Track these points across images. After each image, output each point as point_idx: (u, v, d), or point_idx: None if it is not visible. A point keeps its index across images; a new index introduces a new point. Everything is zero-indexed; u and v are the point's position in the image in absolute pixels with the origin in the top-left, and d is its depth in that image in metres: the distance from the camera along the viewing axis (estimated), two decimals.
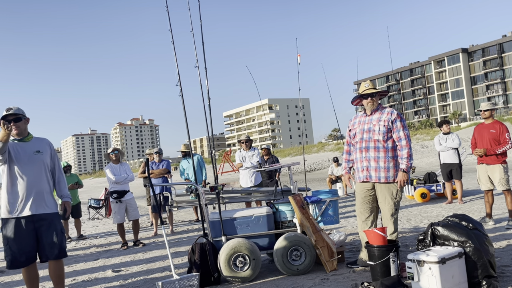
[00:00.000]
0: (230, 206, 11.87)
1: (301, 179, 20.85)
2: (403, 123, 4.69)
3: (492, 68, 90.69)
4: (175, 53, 5.57)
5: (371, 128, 4.71)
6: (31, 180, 4.07)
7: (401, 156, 4.65)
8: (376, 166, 4.67)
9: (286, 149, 63.99)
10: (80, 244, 8.96)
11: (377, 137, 4.66)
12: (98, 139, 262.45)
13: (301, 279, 4.60)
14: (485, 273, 3.68)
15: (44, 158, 4.18)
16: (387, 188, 4.65)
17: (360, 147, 4.78)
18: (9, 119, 4.06)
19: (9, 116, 4.07)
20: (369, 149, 4.71)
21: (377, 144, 4.67)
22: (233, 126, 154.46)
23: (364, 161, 4.74)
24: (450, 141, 9.46)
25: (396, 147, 4.71)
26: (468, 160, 23.89)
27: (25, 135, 4.19)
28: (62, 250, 4.16)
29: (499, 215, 7.46)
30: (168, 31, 5.60)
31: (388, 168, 4.65)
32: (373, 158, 4.68)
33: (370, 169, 4.70)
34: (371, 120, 4.75)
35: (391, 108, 4.86)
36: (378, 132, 4.66)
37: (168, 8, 5.67)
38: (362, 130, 4.78)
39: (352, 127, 4.95)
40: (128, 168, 8.16)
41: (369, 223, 4.79)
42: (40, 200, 4.09)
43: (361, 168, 4.78)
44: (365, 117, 4.84)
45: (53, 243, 4.08)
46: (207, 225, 5.09)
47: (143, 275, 5.62)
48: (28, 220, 4.03)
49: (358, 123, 4.88)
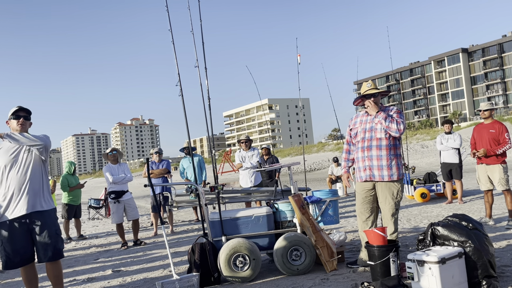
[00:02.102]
0: (230, 206, 11.87)
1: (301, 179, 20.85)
2: (401, 115, 4.70)
3: (492, 68, 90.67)
4: (175, 53, 5.57)
5: (373, 127, 4.71)
6: (21, 181, 4.01)
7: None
8: (378, 164, 4.66)
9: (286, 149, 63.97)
10: (80, 244, 8.96)
11: (380, 136, 4.66)
12: (98, 139, 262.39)
13: (301, 279, 4.60)
14: (485, 273, 3.68)
15: (34, 157, 4.10)
16: (388, 188, 4.65)
17: (362, 146, 4.77)
18: (20, 114, 4.16)
19: (20, 111, 4.17)
20: (371, 148, 4.70)
21: (379, 142, 4.67)
22: (233, 126, 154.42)
23: (366, 160, 4.72)
24: (451, 141, 9.46)
25: (397, 145, 4.74)
26: (468, 160, 23.89)
27: None
28: (57, 252, 4.07)
29: (499, 215, 7.46)
30: (168, 31, 5.61)
31: (391, 166, 4.66)
32: (376, 157, 4.67)
33: (372, 168, 4.68)
34: (373, 119, 4.75)
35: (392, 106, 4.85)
36: (380, 130, 4.66)
37: (168, 8, 5.67)
38: (364, 129, 4.77)
39: (353, 126, 4.93)
40: (126, 168, 8.15)
41: (369, 223, 4.79)
42: (33, 200, 4.03)
43: (363, 168, 4.76)
44: (367, 116, 4.83)
45: (47, 245, 4.00)
46: (207, 225, 5.09)
47: (143, 275, 5.62)
48: (22, 221, 3.99)
49: (360, 122, 4.86)
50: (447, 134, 9.59)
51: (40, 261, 4.07)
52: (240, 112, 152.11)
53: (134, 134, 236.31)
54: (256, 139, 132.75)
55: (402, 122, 4.62)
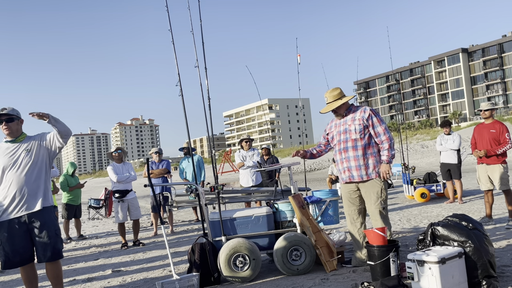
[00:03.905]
0: (230, 206, 11.86)
1: (301, 179, 20.85)
2: (378, 117, 4.77)
3: (492, 68, 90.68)
4: (175, 53, 5.57)
5: (347, 128, 4.81)
6: (20, 181, 4.00)
7: (382, 148, 4.72)
8: (356, 165, 4.75)
9: (286, 149, 63.95)
10: (80, 244, 8.96)
11: (354, 136, 4.75)
12: (98, 139, 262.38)
13: (301, 279, 4.60)
14: (485, 273, 3.68)
15: (34, 157, 4.09)
16: (371, 187, 4.71)
17: (339, 149, 4.89)
18: (1, 119, 4.09)
19: (1, 116, 4.09)
20: (347, 149, 4.80)
21: (354, 143, 4.75)
22: (233, 126, 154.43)
23: (345, 162, 4.83)
24: (450, 141, 9.49)
25: (373, 143, 4.77)
26: (468, 160, 23.90)
27: (17, 136, 4.16)
28: (55, 252, 4.05)
29: (499, 215, 7.46)
30: (168, 31, 5.60)
31: (368, 165, 4.73)
32: (353, 157, 4.76)
33: (351, 169, 4.78)
34: (346, 121, 4.86)
35: (363, 105, 4.89)
36: (354, 131, 4.74)
37: (168, 8, 5.67)
38: (339, 132, 4.89)
39: (329, 130, 5.08)
40: (131, 167, 8.14)
41: (358, 224, 4.89)
42: (33, 201, 4.02)
43: (343, 170, 4.89)
44: (340, 119, 4.94)
45: (45, 245, 3.99)
46: (207, 225, 5.09)
47: (143, 275, 5.62)
48: (21, 221, 3.99)
49: (335, 126, 5.00)
50: (446, 134, 9.63)
51: (40, 261, 4.07)
52: (240, 112, 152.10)
53: (134, 134, 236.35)
54: (256, 139, 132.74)
55: (385, 130, 4.70)
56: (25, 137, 4.21)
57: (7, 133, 4.11)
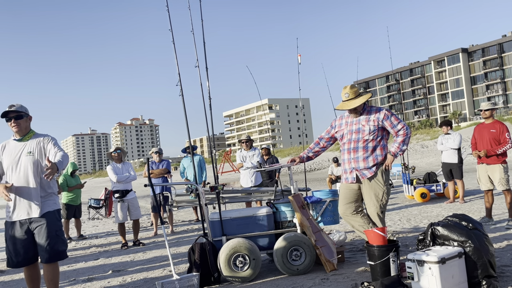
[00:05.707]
0: (230, 206, 11.87)
1: (301, 179, 20.85)
2: (396, 116, 4.65)
3: (492, 68, 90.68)
4: (176, 53, 5.57)
5: (361, 128, 4.64)
6: (22, 183, 4.00)
7: (395, 141, 4.63)
8: (365, 166, 4.63)
9: (286, 149, 63.95)
10: (80, 244, 8.96)
11: (367, 137, 4.60)
12: (98, 139, 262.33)
13: (301, 279, 4.60)
14: (485, 273, 3.68)
15: (35, 160, 4.06)
16: (373, 187, 4.61)
17: (349, 148, 4.72)
18: (10, 116, 4.07)
19: (10, 113, 4.07)
20: (357, 149, 4.64)
21: (366, 144, 4.61)
22: (233, 126, 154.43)
23: (353, 162, 4.67)
24: (451, 141, 9.50)
25: (383, 145, 4.68)
26: (468, 160, 23.89)
27: (25, 133, 4.15)
28: (54, 254, 4.01)
29: (499, 215, 7.46)
30: (168, 31, 5.61)
31: (377, 166, 4.62)
32: (362, 158, 4.62)
33: (359, 170, 4.65)
34: (359, 120, 4.68)
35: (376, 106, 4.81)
36: (368, 132, 4.60)
37: (169, 8, 5.67)
38: (351, 131, 4.70)
39: (339, 128, 4.86)
40: (131, 167, 8.14)
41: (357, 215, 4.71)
42: (34, 203, 4.01)
43: (349, 170, 4.71)
44: (353, 117, 4.75)
45: (45, 247, 3.97)
46: (207, 225, 5.09)
47: (143, 275, 5.62)
48: (23, 223, 4.01)
49: (346, 124, 4.79)
50: (447, 134, 9.64)
51: (41, 262, 4.08)
52: (240, 112, 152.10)
53: (134, 134, 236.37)
54: (256, 139, 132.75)
55: (404, 126, 4.60)
56: (33, 135, 4.19)
57: (16, 130, 4.10)
